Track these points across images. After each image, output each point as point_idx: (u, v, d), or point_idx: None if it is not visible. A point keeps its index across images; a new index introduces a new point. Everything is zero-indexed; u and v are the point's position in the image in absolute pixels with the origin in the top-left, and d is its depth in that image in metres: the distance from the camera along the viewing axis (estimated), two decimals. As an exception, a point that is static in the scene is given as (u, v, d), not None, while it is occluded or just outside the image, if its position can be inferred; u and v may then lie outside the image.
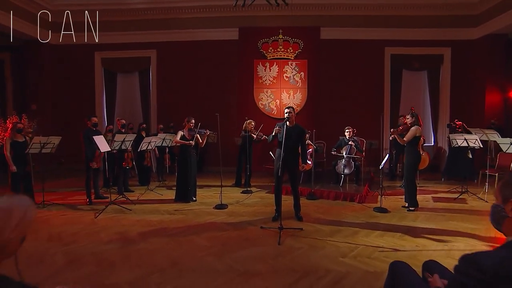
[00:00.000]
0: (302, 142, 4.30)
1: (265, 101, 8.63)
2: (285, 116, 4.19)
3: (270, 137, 4.26)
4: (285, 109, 4.25)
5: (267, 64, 8.55)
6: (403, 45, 8.14)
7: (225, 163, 8.41)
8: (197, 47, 8.68)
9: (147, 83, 8.86)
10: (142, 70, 8.85)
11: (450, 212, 4.61)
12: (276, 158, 4.25)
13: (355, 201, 5.27)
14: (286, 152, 4.04)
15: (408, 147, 4.66)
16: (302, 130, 4.27)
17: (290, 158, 4.15)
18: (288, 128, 4.15)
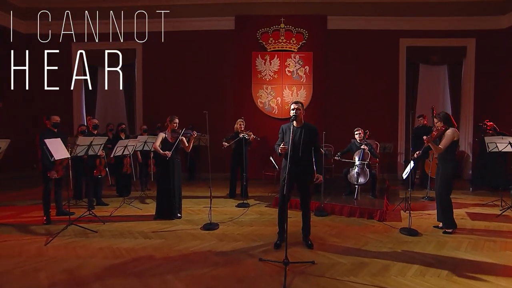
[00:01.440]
0: (316, 146, 3.41)
1: (265, 98, 7.74)
2: (291, 114, 3.30)
3: (276, 148, 3.39)
4: (292, 105, 3.36)
5: (267, 57, 7.67)
6: (420, 35, 7.28)
7: (221, 169, 7.55)
8: (188, 38, 7.79)
9: (131, 79, 7.94)
10: (126, 65, 7.92)
11: (498, 235, 3.71)
12: (282, 169, 3.36)
13: (374, 218, 4.37)
14: (295, 160, 3.16)
15: (443, 154, 3.77)
16: (314, 129, 3.38)
17: (300, 169, 3.26)
18: (296, 130, 3.27)
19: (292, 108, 3.32)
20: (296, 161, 3.20)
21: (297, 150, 3.23)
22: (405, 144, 7.46)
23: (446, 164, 3.76)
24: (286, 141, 3.31)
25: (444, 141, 3.71)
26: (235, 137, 5.64)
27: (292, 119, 3.17)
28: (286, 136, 3.32)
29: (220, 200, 5.65)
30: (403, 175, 4.62)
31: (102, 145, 4.19)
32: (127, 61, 7.85)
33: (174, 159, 4.31)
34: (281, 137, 3.42)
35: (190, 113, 6.19)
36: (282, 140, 3.38)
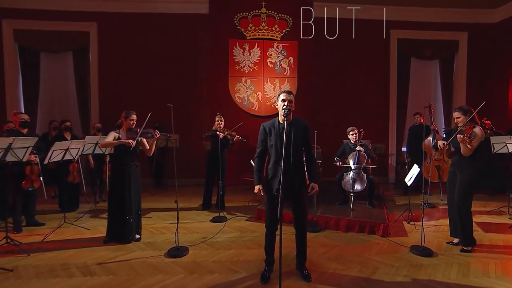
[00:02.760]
0: (308, 147, 2.72)
1: (244, 93, 6.99)
2: (281, 107, 2.58)
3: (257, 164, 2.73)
4: (281, 95, 2.63)
5: (246, 46, 6.92)
6: (411, 27, 6.92)
7: (195, 173, 6.71)
8: (154, 22, 6.84)
9: (84, 67, 6.82)
10: (77, 49, 6.80)
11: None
12: (269, 180, 2.62)
13: (376, 233, 3.79)
14: (286, 169, 2.44)
15: (466, 158, 3.25)
16: (306, 126, 2.68)
17: (293, 179, 2.56)
18: (283, 127, 2.54)
19: (281, 99, 2.60)
20: (288, 169, 2.49)
21: (288, 155, 2.51)
22: (397, 144, 7.07)
23: (467, 169, 3.23)
24: (271, 144, 2.59)
25: (474, 142, 3.16)
26: (212, 136, 4.84)
27: (285, 113, 2.45)
28: (271, 138, 2.60)
29: (191, 213, 4.82)
30: (407, 181, 4.09)
31: (28, 148, 3.20)
32: (79, 45, 6.74)
33: (130, 165, 3.43)
34: (262, 140, 2.66)
35: (157, 109, 5.28)
36: (265, 144, 2.65)
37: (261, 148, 2.68)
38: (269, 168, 2.66)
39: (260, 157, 2.70)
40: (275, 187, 2.56)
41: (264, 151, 2.69)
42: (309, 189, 2.63)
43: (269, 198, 2.62)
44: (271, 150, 2.62)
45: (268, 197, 2.62)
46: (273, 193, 2.57)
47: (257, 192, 2.64)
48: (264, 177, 2.70)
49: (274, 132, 2.59)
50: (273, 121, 2.66)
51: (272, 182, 2.60)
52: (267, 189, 2.62)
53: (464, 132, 3.23)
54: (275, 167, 2.59)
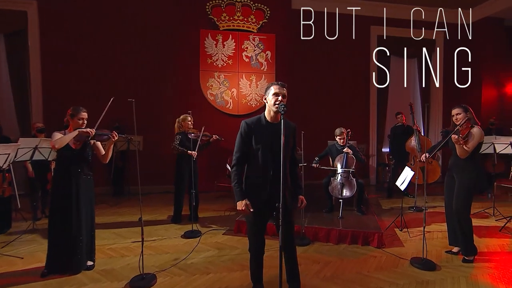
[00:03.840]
0: (294, 152, 2.33)
1: (217, 90, 6.47)
2: (274, 104, 2.11)
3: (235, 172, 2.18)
4: (272, 88, 2.16)
5: (219, 37, 6.42)
6: (391, 24, 6.87)
7: (161, 179, 6.05)
8: (114, 5, 6.07)
9: (22, 55, 5.83)
10: (11, 33, 5.80)
11: None
12: (251, 193, 2.15)
13: (371, 244, 3.52)
14: (274, 178, 2.07)
15: (465, 160, 3.08)
16: (294, 128, 2.30)
17: (281, 190, 2.11)
18: (273, 129, 2.12)
19: (274, 92, 2.12)
20: (276, 178, 2.05)
21: (278, 161, 2.01)
22: (377, 145, 7.01)
23: (467, 173, 3.05)
24: (257, 147, 2.12)
25: (471, 142, 3.00)
26: (185, 140, 4.27)
27: (283, 111, 1.98)
28: (258, 139, 2.12)
29: (159, 228, 4.22)
30: (399, 185, 3.89)
31: None
32: (13, 27, 5.74)
33: (78, 175, 2.78)
34: (245, 141, 2.15)
35: (117, 107, 4.58)
36: (247, 147, 2.15)
37: (241, 153, 2.15)
38: (253, 178, 2.17)
39: (240, 165, 2.16)
40: (262, 200, 2.12)
41: (245, 157, 2.16)
42: (298, 203, 2.23)
43: (254, 216, 2.15)
44: (256, 154, 2.13)
45: (252, 214, 2.12)
46: (258, 208, 2.11)
47: (243, 209, 2.08)
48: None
49: (262, 132, 2.13)
50: (258, 119, 2.19)
51: (257, 194, 2.13)
52: (251, 203, 2.12)
53: (460, 132, 3.07)
54: (261, 175, 2.12)
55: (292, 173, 2.27)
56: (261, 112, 2.25)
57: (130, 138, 3.43)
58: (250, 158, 2.16)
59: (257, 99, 6.56)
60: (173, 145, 4.25)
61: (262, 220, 2.21)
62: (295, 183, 2.27)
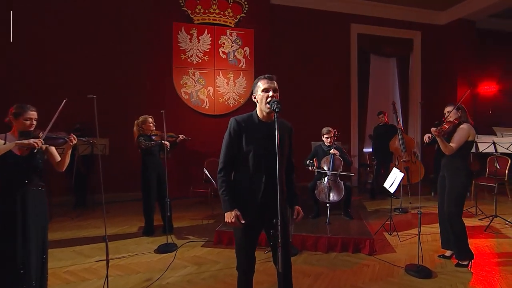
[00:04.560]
0: (290, 156, 2.08)
1: (191, 88, 6.10)
2: (266, 101, 1.84)
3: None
4: (260, 84, 1.91)
5: (194, 31, 6.06)
6: (370, 23, 6.92)
7: (131, 186, 5.53)
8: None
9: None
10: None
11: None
12: (243, 203, 1.86)
13: (362, 251, 3.37)
14: (268, 186, 1.82)
15: (452, 159, 3.00)
16: (290, 129, 2.05)
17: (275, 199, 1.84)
18: (265, 129, 1.87)
19: (262, 88, 1.87)
20: (269, 186, 1.82)
21: (272, 166, 1.73)
22: (358, 145, 6.98)
23: (456, 172, 2.99)
24: (249, 149, 1.85)
25: (457, 138, 2.93)
26: (149, 144, 3.88)
27: (276, 107, 1.72)
28: (250, 140, 1.86)
29: (130, 242, 3.80)
30: (387, 187, 3.78)
31: None
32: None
33: (25, 188, 2.33)
34: (233, 142, 1.88)
35: (79, 106, 4.08)
36: (237, 148, 1.88)
37: (229, 155, 1.87)
38: (243, 186, 1.88)
39: (228, 169, 1.89)
40: (253, 211, 1.84)
41: (233, 161, 1.89)
42: (294, 214, 1.98)
43: (244, 229, 1.86)
44: (246, 158, 1.86)
45: (242, 227, 1.84)
46: (250, 221, 1.84)
47: (232, 221, 1.80)
48: None
49: (254, 132, 1.86)
50: (250, 117, 1.92)
51: (248, 204, 1.86)
52: (242, 214, 1.84)
53: (442, 127, 2.99)
54: (253, 183, 1.85)
55: (289, 179, 2.02)
56: (240, 112, 2.00)
57: (92, 142, 3.00)
58: (240, 162, 1.87)
59: (235, 98, 6.28)
60: (137, 140, 3.88)
61: (253, 235, 1.93)
62: (291, 192, 2.01)
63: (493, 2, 6.48)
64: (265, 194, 1.82)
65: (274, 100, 1.78)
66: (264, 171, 1.82)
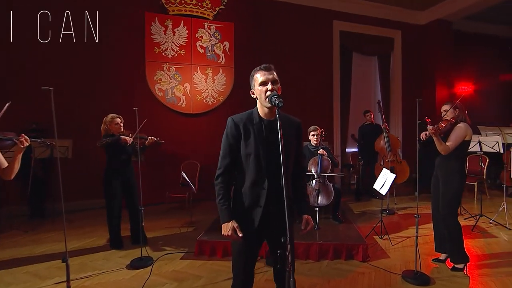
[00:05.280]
0: (300, 157, 1.84)
1: (166, 84, 5.72)
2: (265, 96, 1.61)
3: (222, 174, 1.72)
4: (258, 76, 1.67)
5: (169, 23, 5.68)
6: (353, 20, 6.89)
7: (97, 193, 5.04)
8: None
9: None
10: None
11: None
12: (244, 211, 1.67)
13: (355, 258, 3.22)
14: (272, 191, 1.63)
15: (448, 159, 2.93)
16: (298, 125, 1.78)
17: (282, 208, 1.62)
18: (268, 127, 1.66)
19: (260, 81, 1.64)
20: (273, 193, 1.63)
21: (275, 171, 1.60)
22: (341, 145, 6.94)
23: (452, 173, 2.92)
24: (249, 152, 1.64)
25: (454, 137, 2.86)
26: (104, 141, 3.49)
27: (276, 101, 1.50)
28: (249, 142, 1.65)
29: (97, 257, 3.39)
30: (378, 189, 3.68)
31: None
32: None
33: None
34: (232, 145, 1.68)
35: (36, 104, 3.56)
36: (236, 152, 1.68)
37: (228, 160, 1.68)
38: (242, 193, 1.69)
39: (228, 175, 1.71)
40: (255, 222, 1.64)
41: (232, 165, 1.70)
42: (302, 224, 1.76)
43: (243, 243, 1.67)
44: (246, 162, 1.66)
45: (241, 241, 1.66)
46: (249, 232, 1.63)
47: (229, 234, 1.63)
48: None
49: (255, 132, 1.64)
50: (249, 115, 1.70)
51: (248, 214, 1.66)
52: (242, 226, 1.65)
53: (439, 125, 2.93)
54: (254, 189, 1.65)
55: (296, 184, 1.79)
56: (220, 111, 1.77)
57: (51, 144, 2.60)
58: (239, 167, 1.69)
59: (214, 96, 5.98)
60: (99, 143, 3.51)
61: (253, 249, 1.72)
62: (298, 198, 1.78)
63: (469, 4, 6.70)
64: (268, 203, 1.63)
65: (274, 93, 1.56)
66: (267, 176, 1.62)
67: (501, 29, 8.45)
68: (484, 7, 6.78)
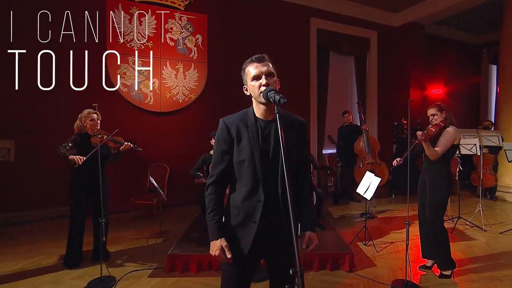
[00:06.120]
0: (305, 163, 1.62)
1: (132, 79, 5.28)
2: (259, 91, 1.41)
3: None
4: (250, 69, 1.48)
5: (135, 11, 5.24)
6: (330, 18, 6.87)
7: (48, 201, 4.51)
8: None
9: None
10: None
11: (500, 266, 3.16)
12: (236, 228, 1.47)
13: (341, 268, 3.09)
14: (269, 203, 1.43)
15: (436, 164, 2.90)
16: (303, 125, 1.56)
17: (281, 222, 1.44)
18: (265, 128, 1.46)
19: (252, 75, 1.45)
20: (272, 206, 1.43)
21: (275, 180, 1.41)
22: (318, 146, 6.88)
23: (439, 178, 2.89)
24: (242, 158, 1.43)
25: (443, 142, 2.83)
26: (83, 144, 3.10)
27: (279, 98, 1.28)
28: (243, 146, 1.43)
29: (46, 279, 2.94)
30: (362, 193, 3.59)
31: None
32: None
33: None
34: (224, 151, 1.47)
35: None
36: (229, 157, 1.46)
37: (221, 168, 1.47)
38: (235, 206, 1.46)
39: (220, 185, 1.50)
40: (248, 241, 1.42)
41: (226, 174, 1.48)
42: (304, 242, 1.55)
43: (235, 267, 1.45)
44: (239, 170, 1.45)
45: (232, 263, 1.44)
46: (243, 254, 1.43)
47: (217, 254, 1.42)
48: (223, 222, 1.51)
49: (249, 136, 1.41)
50: (243, 116, 1.49)
51: (241, 231, 1.46)
52: (232, 245, 1.45)
53: (428, 130, 2.91)
54: (248, 202, 1.44)
55: (299, 198, 1.57)
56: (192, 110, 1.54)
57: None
58: (233, 175, 1.49)
59: (185, 93, 5.62)
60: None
61: (246, 273, 1.50)
62: (305, 213, 1.55)
63: (438, 9, 6.97)
64: (264, 217, 1.42)
65: (270, 88, 1.34)
66: (264, 186, 1.40)
67: (468, 36, 8.96)
68: (451, 13, 7.10)
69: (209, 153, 4.10)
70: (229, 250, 1.42)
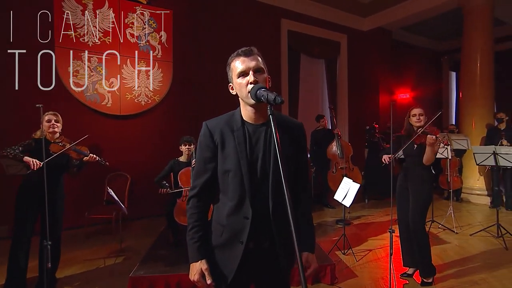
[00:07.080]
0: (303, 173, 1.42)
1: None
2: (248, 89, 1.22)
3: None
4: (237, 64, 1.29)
5: (89, 2, 4.83)
6: (300, 20, 6.91)
7: None
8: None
9: None
10: None
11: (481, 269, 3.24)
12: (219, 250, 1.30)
13: (322, 281, 3.00)
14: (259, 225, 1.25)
15: (419, 169, 2.95)
16: (299, 128, 1.38)
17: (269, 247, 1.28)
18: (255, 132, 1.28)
19: (238, 71, 1.27)
20: (262, 224, 1.26)
21: (265, 194, 1.25)
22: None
23: (423, 182, 2.92)
24: (227, 168, 1.26)
25: (437, 146, 2.86)
26: (37, 150, 2.72)
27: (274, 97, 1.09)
28: (228, 155, 1.26)
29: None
30: (342, 201, 3.54)
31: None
32: None
33: None
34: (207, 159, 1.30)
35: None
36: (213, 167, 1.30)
37: (205, 178, 1.31)
38: (219, 223, 1.30)
39: (202, 199, 1.33)
40: (233, 264, 1.26)
41: (209, 184, 1.31)
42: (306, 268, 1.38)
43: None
44: (224, 181, 1.28)
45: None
46: (227, 280, 1.26)
47: (196, 279, 1.26)
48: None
49: (235, 141, 1.24)
50: (229, 119, 1.32)
51: (225, 252, 1.29)
52: (215, 269, 1.28)
53: (433, 133, 2.89)
54: (234, 219, 1.27)
55: (299, 211, 1.39)
56: (156, 112, 1.40)
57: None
58: (217, 188, 1.33)
59: (148, 95, 5.29)
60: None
61: None
62: (305, 231, 1.38)
63: (403, 16, 7.32)
64: (252, 237, 1.24)
65: (259, 85, 1.17)
66: (252, 201, 1.23)
67: (430, 43, 9.54)
68: (417, 20, 7.50)
69: (178, 159, 3.86)
70: (210, 274, 1.25)
